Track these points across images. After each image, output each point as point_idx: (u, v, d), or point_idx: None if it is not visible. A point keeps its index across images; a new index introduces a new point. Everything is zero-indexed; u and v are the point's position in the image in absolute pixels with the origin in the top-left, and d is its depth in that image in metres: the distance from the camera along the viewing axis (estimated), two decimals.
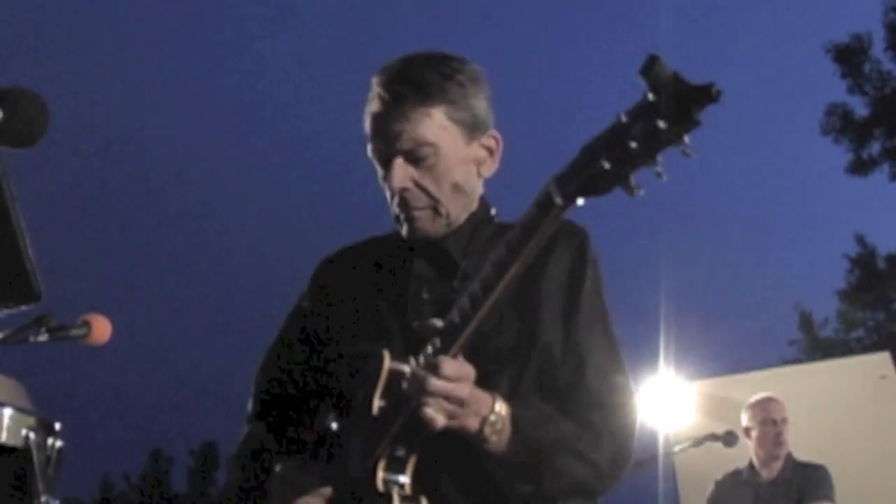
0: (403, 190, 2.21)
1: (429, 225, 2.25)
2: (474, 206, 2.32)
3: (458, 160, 2.24)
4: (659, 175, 1.66)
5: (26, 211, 1.79)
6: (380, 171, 2.27)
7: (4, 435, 1.99)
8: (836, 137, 25.03)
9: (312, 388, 2.40)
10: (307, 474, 2.23)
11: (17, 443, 2.00)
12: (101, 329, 2.07)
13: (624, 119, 1.67)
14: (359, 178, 2.29)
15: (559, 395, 2.19)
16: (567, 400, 2.18)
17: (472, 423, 2.01)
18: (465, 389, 1.97)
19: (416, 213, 2.24)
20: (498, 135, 2.32)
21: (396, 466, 2.06)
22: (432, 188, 2.22)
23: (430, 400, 1.94)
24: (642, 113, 1.64)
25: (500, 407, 2.03)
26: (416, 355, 2.09)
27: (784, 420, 5.67)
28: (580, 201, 1.78)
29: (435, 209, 2.24)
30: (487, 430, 2.02)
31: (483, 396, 2.03)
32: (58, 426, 2.23)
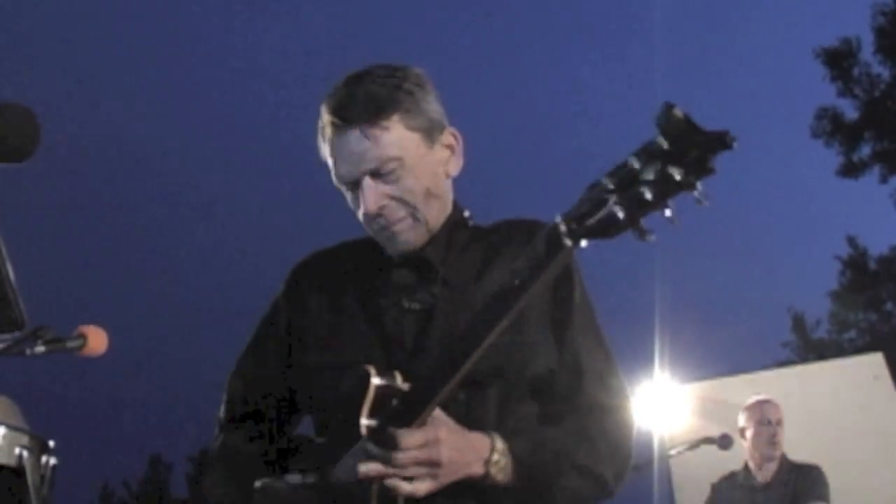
0: (380, 208, 2.20)
1: (412, 235, 2.24)
2: (449, 206, 2.32)
3: (424, 166, 2.23)
4: (671, 221, 1.64)
5: (20, 223, 1.79)
6: (349, 196, 2.26)
7: None
8: (827, 140, 25.08)
9: (289, 397, 2.39)
10: (293, 494, 2.22)
11: (11, 462, 1.99)
12: (98, 340, 2.07)
13: (634, 163, 1.64)
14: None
15: (557, 405, 2.21)
16: (565, 408, 2.20)
17: (476, 469, 2.03)
18: (436, 451, 1.96)
19: (398, 226, 2.23)
20: (456, 131, 2.31)
21: (389, 492, 2.02)
22: (407, 198, 2.21)
23: (399, 472, 1.95)
24: (654, 158, 1.62)
25: (500, 444, 2.05)
26: (397, 367, 2.11)
27: (779, 422, 5.70)
28: (584, 243, 1.76)
29: (414, 216, 2.22)
30: (493, 471, 2.03)
31: (480, 439, 2.04)
32: (52, 444, 2.22)
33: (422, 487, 1.98)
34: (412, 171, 2.20)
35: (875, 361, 7.24)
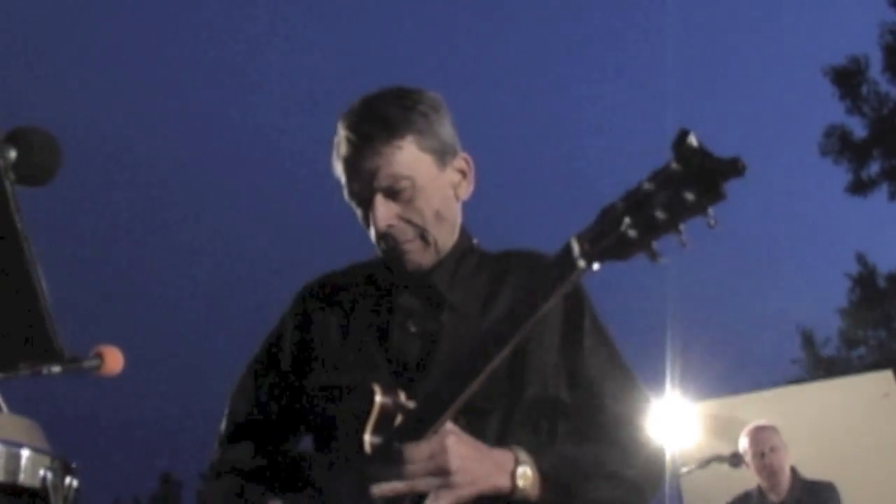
0: (389, 227, 2.22)
1: (420, 256, 2.26)
2: (457, 233, 2.34)
3: (435, 188, 2.25)
4: (683, 244, 1.70)
5: (37, 242, 1.81)
6: (360, 213, 2.28)
7: (22, 476, 1.99)
8: (836, 158, 25.01)
9: (292, 414, 2.40)
10: None
11: (35, 483, 1.99)
12: (114, 360, 2.08)
13: (647, 186, 1.70)
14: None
15: (580, 426, 2.23)
16: (589, 428, 2.21)
17: (503, 482, 2.03)
18: (444, 460, 1.96)
19: (406, 247, 2.24)
20: (468, 156, 2.34)
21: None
22: (416, 219, 2.23)
23: (412, 485, 1.97)
24: (668, 182, 1.67)
25: (524, 456, 2.05)
26: (402, 388, 2.12)
27: (773, 449, 5.68)
28: (597, 265, 1.80)
29: (423, 238, 2.25)
30: (521, 483, 2.03)
31: (500, 452, 2.05)
32: (74, 465, 2.24)
33: (442, 501, 1.97)
34: (423, 192, 2.23)
35: (884, 379, 7.25)
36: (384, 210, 2.21)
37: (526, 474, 2.03)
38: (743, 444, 5.80)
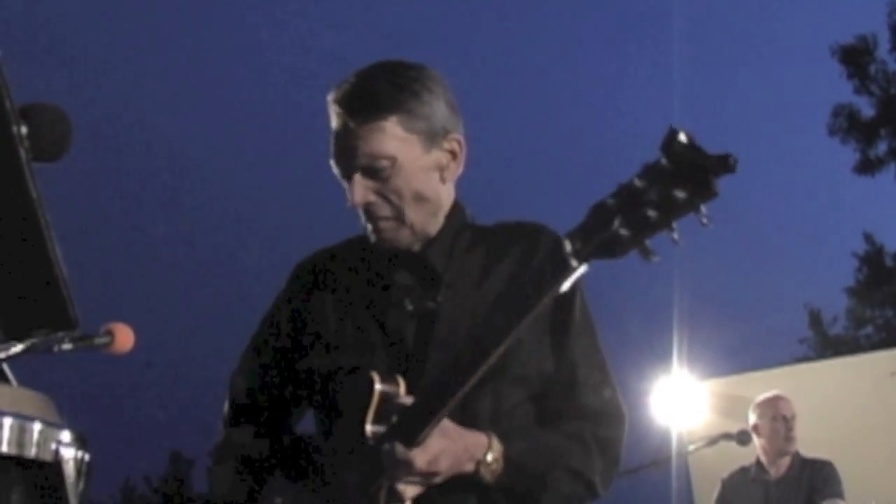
0: (366, 204, 2.21)
1: (393, 235, 2.25)
2: (444, 211, 2.32)
3: (417, 169, 2.23)
4: (675, 241, 1.69)
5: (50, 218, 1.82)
6: (344, 184, 2.27)
7: (34, 450, 2.00)
8: (843, 138, 24.92)
9: (292, 395, 2.41)
10: (301, 499, 2.26)
11: (48, 457, 2.00)
12: (125, 338, 2.09)
13: (638, 183, 1.68)
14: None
15: (551, 410, 2.25)
16: (559, 414, 2.25)
17: (468, 467, 2.09)
18: (437, 465, 2.04)
19: (381, 224, 2.24)
20: (461, 138, 2.30)
21: (396, 495, 2.08)
22: (394, 199, 2.21)
23: (403, 481, 2.05)
24: (657, 179, 1.66)
25: (496, 445, 2.11)
26: (399, 370, 2.16)
27: (793, 416, 5.70)
28: (586, 266, 1.82)
29: (399, 219, 2.23)
30: (482, 470, 2.10)
31: (477, 441, 2.11)
32: (86, 438, 2.25)
33: (414, 491, 2.07)
34: (403, 172, 2.20)
35: (892, 357, 7.27)
36: (361, 188, 2.20)
37: (491, 465, 2.10)
38: (759, 409, 5.75)
